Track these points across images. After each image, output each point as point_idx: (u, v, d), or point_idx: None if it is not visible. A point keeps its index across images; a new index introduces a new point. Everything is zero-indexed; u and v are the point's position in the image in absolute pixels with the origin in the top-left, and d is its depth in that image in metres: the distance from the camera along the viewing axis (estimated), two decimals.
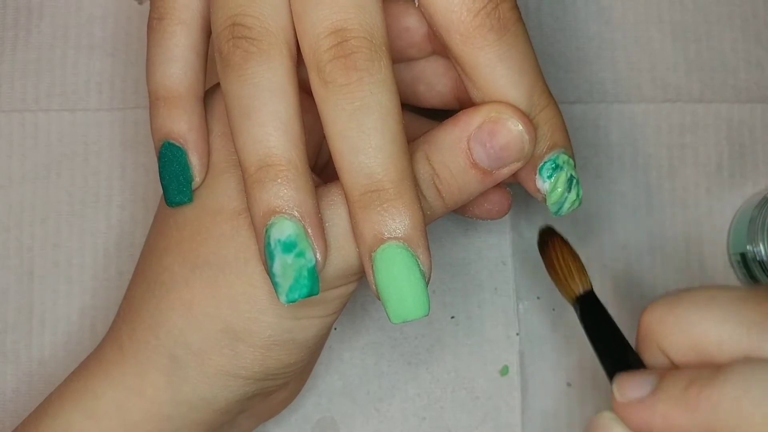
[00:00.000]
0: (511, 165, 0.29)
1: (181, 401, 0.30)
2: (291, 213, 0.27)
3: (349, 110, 0.27)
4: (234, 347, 0.30)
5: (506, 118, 0.29)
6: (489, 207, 0.34)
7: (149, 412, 0.30)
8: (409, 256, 0.28)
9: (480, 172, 0.29)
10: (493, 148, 0.29)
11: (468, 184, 0.29)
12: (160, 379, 0.30)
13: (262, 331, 0.30)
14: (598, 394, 0.39)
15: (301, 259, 0.27)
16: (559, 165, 0.30)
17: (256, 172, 0.28)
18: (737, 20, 0.41)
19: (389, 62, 0.27)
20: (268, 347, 0.30)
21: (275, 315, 0.30)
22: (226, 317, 0.30)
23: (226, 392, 0.31)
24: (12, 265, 0.39)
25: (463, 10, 0.28)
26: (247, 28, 0.28)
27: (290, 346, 0.30)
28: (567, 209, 0.31)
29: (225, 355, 0.30)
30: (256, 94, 0.27)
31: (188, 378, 0.30)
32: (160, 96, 0.31)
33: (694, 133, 0.41)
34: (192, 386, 0.30)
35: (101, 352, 0.32)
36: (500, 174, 0.29)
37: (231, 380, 0.30)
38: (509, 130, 0.29)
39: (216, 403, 0.31)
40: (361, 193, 0.27)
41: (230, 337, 0.30)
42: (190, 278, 0.30)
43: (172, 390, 0.30)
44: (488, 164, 0.29)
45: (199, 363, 0.30)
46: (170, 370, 0.30)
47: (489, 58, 0.29)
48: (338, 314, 0.32)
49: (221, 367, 0.30)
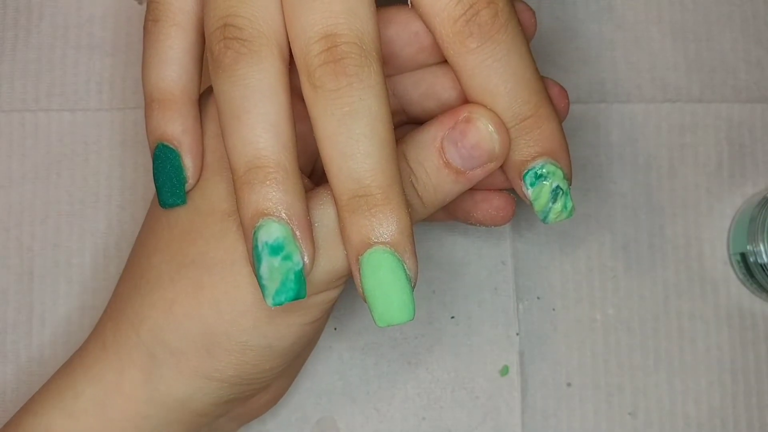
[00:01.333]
0: (484, 166, 0.29)
1: (158, 400, 0.30)
2: (279, 215, 0.27)
3: (339, 116, 0.27)
4: (210, 349, 0.30)
5: (477, 118, 0.29)
6: (493, 212, 0.34)
7: (127, 411, 0.31)
8: (396, 261, 0.28)
9: (453, 172, 0.29)
10: (464, 147, 0.29)
11: (442, 183, 0.30)
12: (139, 376, 0.30)
13: (239, 335, 0.30)
14: (598, 394, 0.39)
15: (288, 262, 0.27)
16: (542, 174, 0.30)
17: (244, 174, 0.27)
18: (737, 20, 0.41)
19: (380, 68, 0.27)
20: (244, 352, 0.30)
21: (254, 319, 0.29)
22: (205, 318, 0.30)
23: (201, 394, 0.31)
24: (12, 265, 0.39)
25: (444, 15, 0.28)
26: (238, 29, 0.27)
27: (266, 352, 0.30)
28: (553, 219, 0.31)
29: (201, 356, 0.30)
30: (247, 95, 0.27)
31: (164, 377, 0.30)
32: (154, 98, 0.31)
33: (694, 133, 0.41)
34: (167, 386, 0.30)
35: (84, 350, 0.32)
36: (474, 175, 0.29)
37: (205, 382, 0.30)
38: (478, 129, 0.29)
39: (191, 404, 0.31)
40: (349, 198, 0.27)
41: (207, 339, 0.30)
42: (175, 277, 0.30)
43: (149, 388, 0.30)
44: (461, 164, 0.29)
45: (176, 363, 0.30)
46: (148, 368, 0.30)
47: (469, 65, 0.29)
48: (320, 324, 0.31)
49: (196, 369, 0.30)
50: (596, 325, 0.39)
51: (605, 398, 0.39)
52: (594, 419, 0.39)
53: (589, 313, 0.39)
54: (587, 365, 0.39)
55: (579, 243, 0.40)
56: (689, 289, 0.40)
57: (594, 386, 0.39)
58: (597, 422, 0.39)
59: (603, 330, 0.39)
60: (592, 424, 0.39)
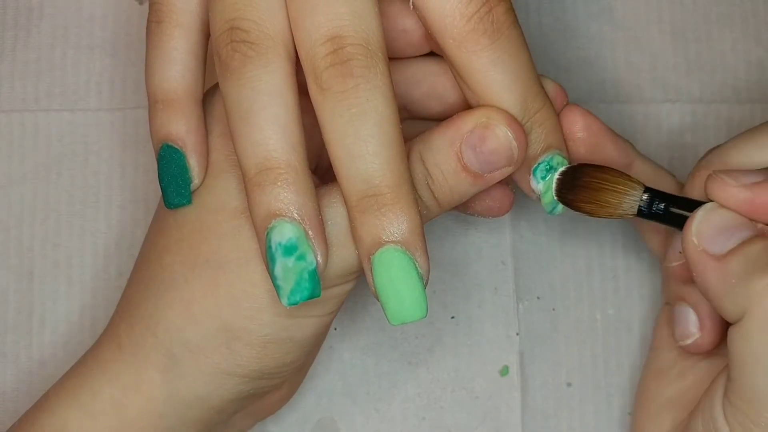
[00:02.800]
0: (501, 169, 0.30)
1: (177, 399, 0.31)
2: (291, 216, 0.28)
3: (346, 117, 0.27)
4: (231, 345, 0.30)
5: (496, 124, 0.29)
6: (490, 204, 0.34)
7: (144, 410, 0.31)
8: (407, 259, 0.28)
9: (471, 175, 0.30)
10: (483, 153, 0.29)
11: (459, 185, 0.30)
12: (157, 376, 0.30)
13: (259, 330, 0.30)
14: (598, 394, 0.39)
15: (302, 263, 0.28)
16: (552, 167, 0.31)
17: (255, 176, 0.28)
18: (737, 20, 0.41)
19: (386, 69, 0.28)
20: (265, 345, 0.30)
21: (273, 313, 0.30)
22: (225, 315, 0.30)
23: (222, 390, 0.31)
24: (12, 265, 0.39)
25: (456, 15, 0.28)
26: (245, 32, 0.28)
27: (287, 344, 0.31)
28: (562, 209, 0.31)
29: (222, 353, 0.30)
30: (255, 97, 0.28)
31: (184, 376, 0.30)
32: (158, 99, 0.31)
33: (694, 133, 0.41)
34: (188, 384, 0.30)
35: (99, 350, 0.32)
36: (492, 177, 0.30)
37: (227, 378, 0.30)
38: (497, 136, 0.29)
39: (211, 401, 0.31)
40: (359, 198, 0.28)
41: (227, 335, 0.30)
42: (189, 277, 0.30)
43: (168, 387, 0.30)
44: (479, 168, 0.29)
45: (196, 361, 0.30)
46: (167, 367, 0.30)
47: (482, 63, 0.29)
48: (335, 313, 0.32)
49: (218, 365, 0.30)
50: (596, 325, 0.39)
51: (605, 398, 0.39)
52: (594, 419, 0.39)
53: (589, 313, 0.40)
54: (587, 365, 0.39)
55: (579, 243, 0.40)
56: None
57: (594, 386, 0.39)
58: (597, 422, 0.39)
59: (603, 330, 0.39)
60: (592, 424, 0.39)
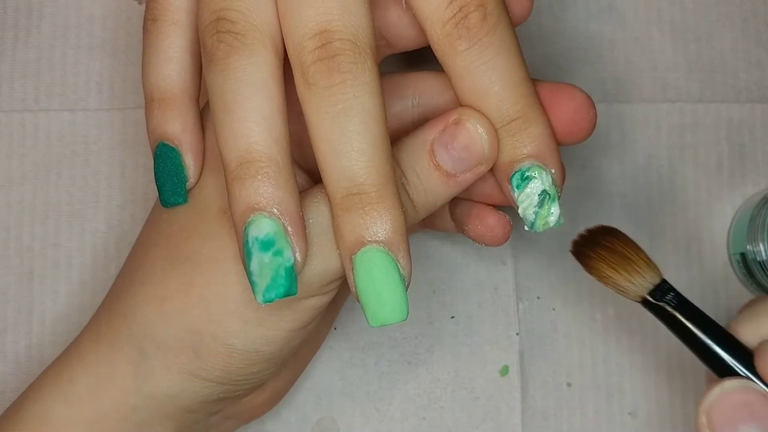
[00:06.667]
0: (474, 169, 0.29)
1: (147, 394, 0.31)
2: (270, 210, 0.27)
3: (332, 113, 0.27)
4: (197, 349, 0.30)
5: (466, 120, 0.29)
6: (482, 230, 0.33)
7: (118, 401, 0.31)
8: (389, 260, 0.27)
9: (443, 175, 0.29)
10: (455, 149, 0.29)
11: (433, 187, 0.30)
12: (128, 369, 0.31)
13: (226, 337, 0.30)
14: (598, 394, 0.39)
15: (279, 258, 0.27)
16: (528, 177, 0.29)
17: (236, 169, 0.27)
18: (737, 20, 0.41)
19: (374, 65, 0.27)
20: (230, 354, 0.30)
21: (242, 321, 0.29)
22: (194, 317, 0.30)
23: (189, 391, 0.31)
24: (12, 265, 0.39)
25: (435, 18, 0.28)
26: (231, 22, 0.27)
27: (253, 356, 0.30)
28: (540, 226, 0.30)
29: (188, 355, 0.30)
30: (239, 88, 0.27)
31: (153, 372, 0.30)
32: (155, 97, 0.31)
33: (694, 133, 0.41)
34: (156, 381, 0.30)
35: (80, 338, 0.32)
36: (465, 178, 0.30)
37: (192, 380, 0.30)
38: (468, 131, 0.29)
39: (179, 400, 0.31)
40: (343, 196, 0.27)
41: (194, 338, 0.30)
42: (168, 273, 0.30)
43: (138, 381, 0.31)
44: (451, 166, 0.29)
45: (164, 359, 0.30)
46: (138, 361, 0.30)
47: (459, 67, 0.29)
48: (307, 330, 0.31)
49: (183, 366, 0.30)
50: (596, 325, 0.39)
51: (605, 398, 0.39)
52: (594, 419, 0.39)
53: (589, 313, 0.40)
54: (587, 365, 0.39)
55: None
56: (689, 289, 0.40)
57: (594, 386, 0.39)
58: (597, 422, 0.39)
59: (603, 330, 0.39)
60: (592, 424, 0.39)
